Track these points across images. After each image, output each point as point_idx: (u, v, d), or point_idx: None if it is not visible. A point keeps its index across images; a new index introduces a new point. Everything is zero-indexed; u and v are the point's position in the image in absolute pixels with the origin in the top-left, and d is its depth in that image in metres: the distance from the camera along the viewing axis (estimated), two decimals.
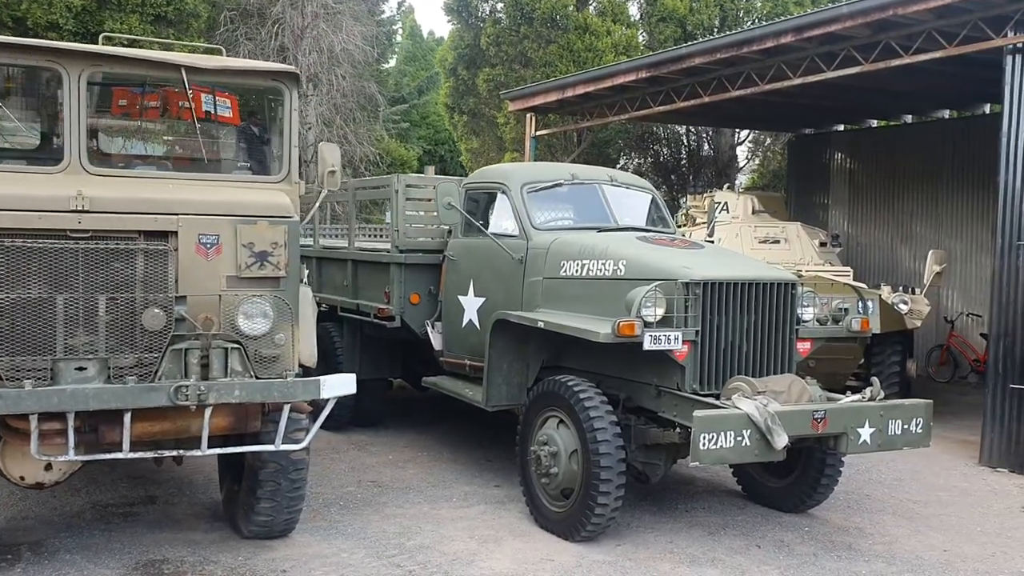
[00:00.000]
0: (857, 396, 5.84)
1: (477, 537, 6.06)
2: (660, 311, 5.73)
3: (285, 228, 5.03)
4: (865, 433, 5.61)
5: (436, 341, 7.82)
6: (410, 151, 19.77)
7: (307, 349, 5.46)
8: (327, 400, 5.13)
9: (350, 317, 8.74)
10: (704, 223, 12.97)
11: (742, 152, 20.36)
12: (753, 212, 12.59)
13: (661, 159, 20.18)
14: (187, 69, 5.17)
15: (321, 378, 4.93)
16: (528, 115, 14.90)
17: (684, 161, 20.31)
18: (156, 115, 5.87)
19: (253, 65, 5.56)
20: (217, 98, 5.62)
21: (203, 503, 6.66)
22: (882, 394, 5.82)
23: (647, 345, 5.58)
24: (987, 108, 14.65)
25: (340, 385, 5.04)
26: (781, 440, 5.23)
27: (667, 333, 5.63)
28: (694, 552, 5.89)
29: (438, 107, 18.88)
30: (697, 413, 5.14)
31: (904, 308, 10.48)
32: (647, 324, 5.67)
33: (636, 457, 6.18)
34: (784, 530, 6.40)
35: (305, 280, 5.62)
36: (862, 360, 10.57)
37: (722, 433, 5.15)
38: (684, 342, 5.73)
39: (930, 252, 11.09)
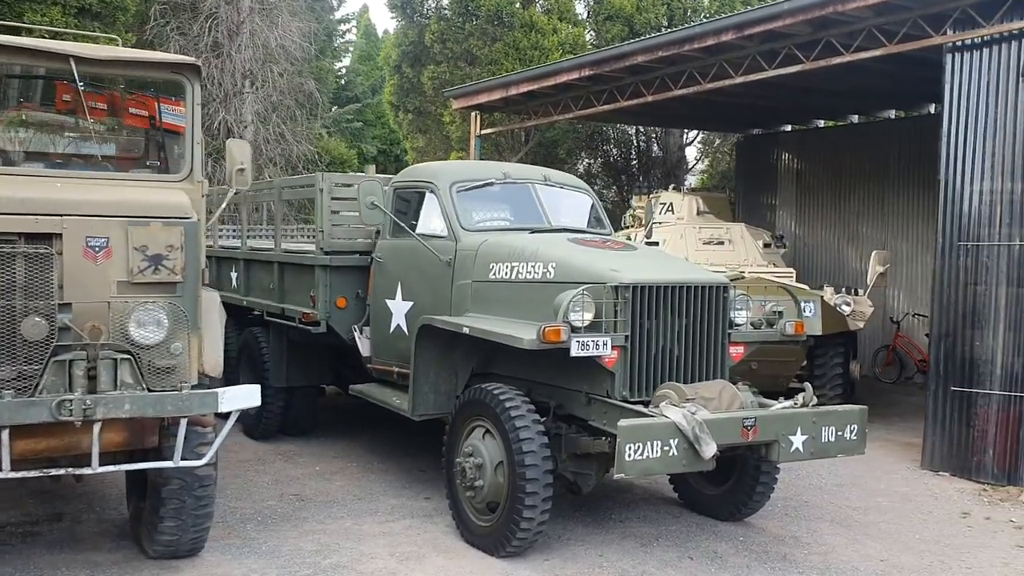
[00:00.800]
0: (789, 402, 5.65)
1: (398, 555, 5.77)
2: (589, 316, 5.50)
3: (182, 230, 4.68)
4: (797, 441, 5.42)
5: (364, 347, 7.51)
6: (351, 150, 19.37)
7: (211, 359, 5.13)
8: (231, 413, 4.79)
9: (278, 322, 8.38)
10: (653, 222, 12.82)
11: (692, 153, 20.27)
12: (698, 213, 12.45)
13: (611, 159, 20.02)
14: (76, 60, 4.81)
15: (220, 390, 4.61)
16: (473, 114, 14.63)
17: (635, 162, 20.18)
18: (51, 109, 5.49)
19: (150, 56, 5.21)
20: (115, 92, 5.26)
21: (112, 520, 6.28)
22: (815, 400, 5.63)
23: (574, 351, 5.34)
24: (932, 108, 14.68)
25: (242, 397, 4.71)
26: (709, 449, 5.01)
27: (595, 339, 5.40)
28: (624, 566, 5.66)
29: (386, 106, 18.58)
30: (622, 422, 4.91)
31: (846, 309, 10.38)
32: (575, 329, 5.43)
33: (567, 467, 5.93)
34: (719, 540, 6.20)
35: (205, 282, 5.26)
36: (804, 362, 10.44)
37: (648, 443, 4.92)
38: (613, 348, 5.50)
39: (873, 253, 11.02)
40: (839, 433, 5.59)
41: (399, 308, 7.04)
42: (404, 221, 7.13)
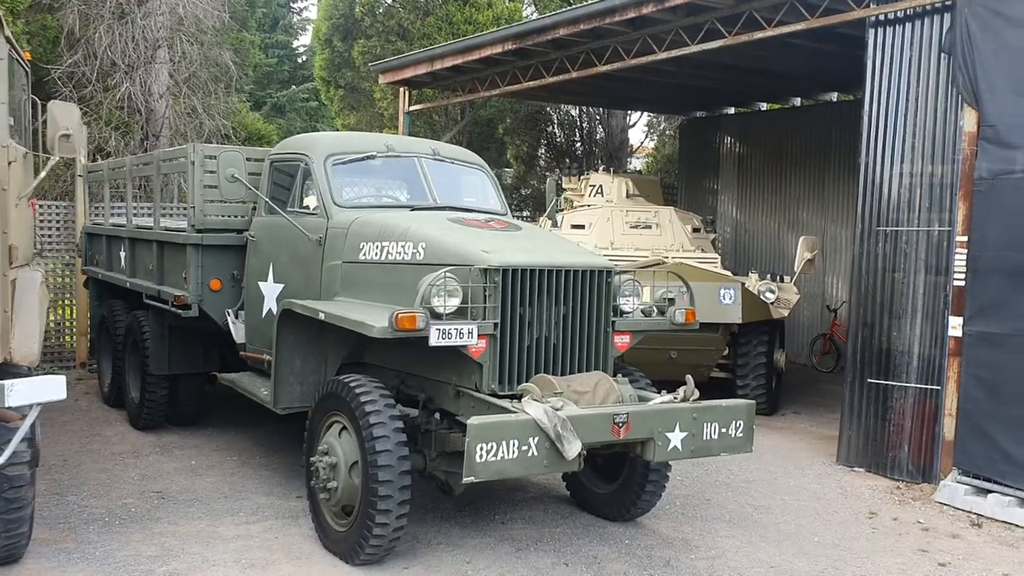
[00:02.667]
0: (669, 396, 5.20)
1: (244, 561, 5.25)
2: (454, 301, 5.01)
3: None
4: (675, 438, 4.98)
5: (237, 333, 6.97)
6: (269, 125, 18.65)
7: (24, 347, 4.57)
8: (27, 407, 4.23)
9: (157, 306, 7.79)
10: (582, 206, 12.36)
11: (637, 136, 19.81)
12: (628, 196, 11.97)
13: (556, 141, 19.49)
14: None
15: (7, 382, 4.04)
16: (401, 89, 14.03)
17: (578, 144, 19.69)
18: None
19: None
20: None
21: None
22: (696, 394, 5.19)
23: (433, 340, 4.84)
24: None
25: (37, 390, 4.14)
26: (572, 448, 4.55)
27: (459, 327, 4.90)
28: (491, 574, 5.19)
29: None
30: (472, 420, 4.43)
31: (771, 297, 10.00)
32: (438, 316, 4.94)
33: (438, 466, 5.45)
34: (602, 543, 5.76)
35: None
36: (726, 351, 10.06)
37: (503, 442, 4.44)
38: (480, 336, 5.01)
39: (801, 239, 10.62)
40: (723, 430, 5.17)
41: (271, 291, 6.51)
42: (282, 196, 6.59)
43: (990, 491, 6.74)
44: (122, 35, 11.53)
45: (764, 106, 16.54)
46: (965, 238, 6.97)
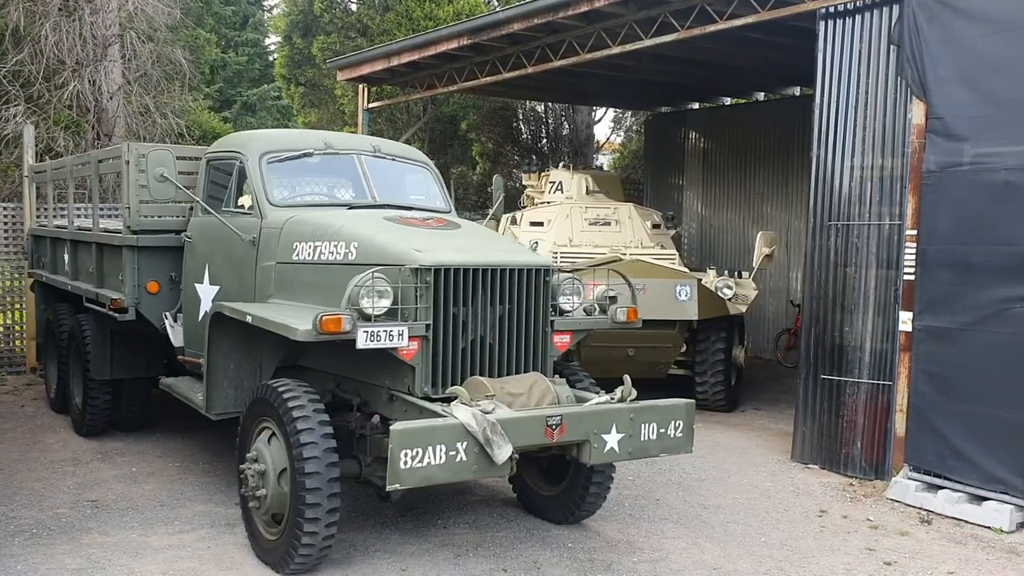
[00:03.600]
0: (606, 397, 5.09)
1: (172, 572, 5.09)
2: (385, 302, 4.87)
3: None
4: (612, 440, 4.87)
5: (175, 336, 6.79)
6: (226, 124, 18.39)
7: None
8: None
9: (96, 309, 7.59)
10: (542, 203, 12.24)
11: (604, 132, 19.74)
12: (587, 192, 11.86)
13: (522, 137, 19.36)
14: None
15: None
16: (360, 86, 13.86)
17: (544, 140, 19.57)
18: None
19: None
20: None
21: None
22: (634, 394, 5.08)
23: (361, 343, 4.70)
24: None
25: None
26: (502, 453, 4.43)
27: (388, 329, 4.76)
28: None
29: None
30: (395, 426, 4.29)
31: (728, 293, 9.94)
32: (368, 317, 4.80)
33: (374, 472, 5.30)
34: (544, 547, 5.64)
35: None
36: (684, 348, 9.97)
37: (429, 448, 4.31)
38: (411, 338, 4.87)
39: (759, 234, 10.57)
40: (661, 430, 5.06)
41: (207, 293, 6.34)
42: (219, 196, 6.43)
43: (941, 487, 6.69)
44: (70, 32, 11.27)
45: (728, 101, 16.49)
46: (914, 232, 6.90)
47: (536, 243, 11.07)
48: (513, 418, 4.57)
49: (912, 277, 6.91)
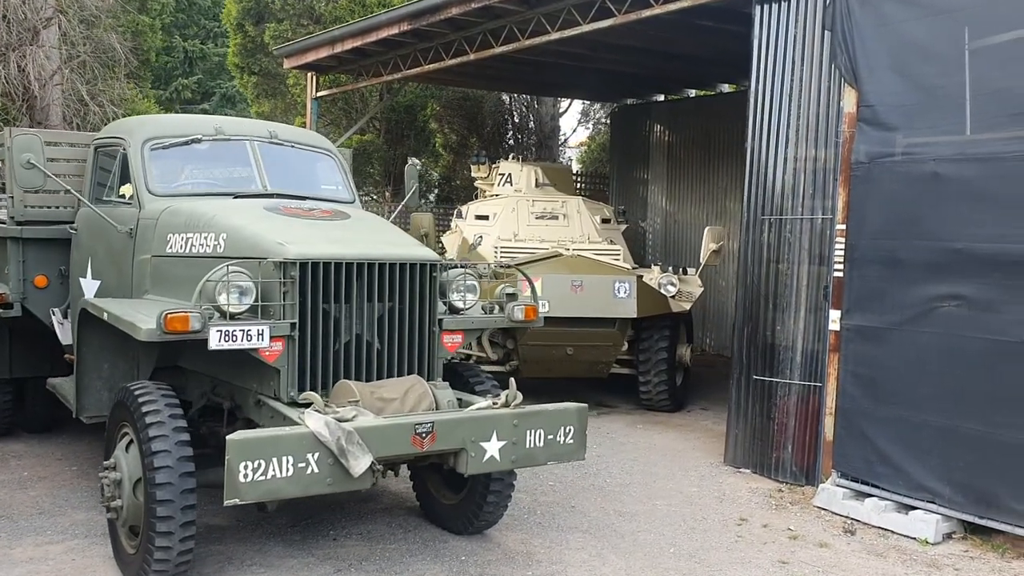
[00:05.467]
0: (487, 402, 4.74)
1: None
2: (247, 299, 4.51)
3: None
4: (492, 447, 4.53)
5: (62, 334, 6.42)
6: (168, 112, 17.98)
7: None
8: None
9: None
10: (491, 195, 11.90)
11: (570, 124, 19.37)
12: (537, 185, 11.51)
13: (487, 128, 18.97)
14: None
15: None
16: (309, 74, 13.48)
17: (511, 132, 19.20)
18: None
19: None
20: None
21: None
22: (519, 398, 4.73)
23: (214, 344, 4.34)
24: None
25: None
26: (359, 464, 4.08)
27: (245, 328, 4.40)
28: None
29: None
30: (232, 436, 3.93)
31: (671, 290, 9.60)
32: (226, 315, 4.44)
33: None
34: (436, 561, 5.29)
35: None
36: (626, 346, 9.64)
37: (274, 460, 3.96)
38: (274, 338, 4.51)
39: (706, 229, 10.23)
40: (550, 437, 4.72)
41: (90, 288, 5.98)
42: (106, 184, 6.05)
43: (869, 495, 6.36)
44: None
45: (692, 93, 16.15)
46: (844, 226, 6.57)
47: (480, 237, 10.78)
48: (374, 426, 4.22)
49: (841, 274, 6.58)
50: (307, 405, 4.46)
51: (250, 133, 6.15)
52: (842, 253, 6.56)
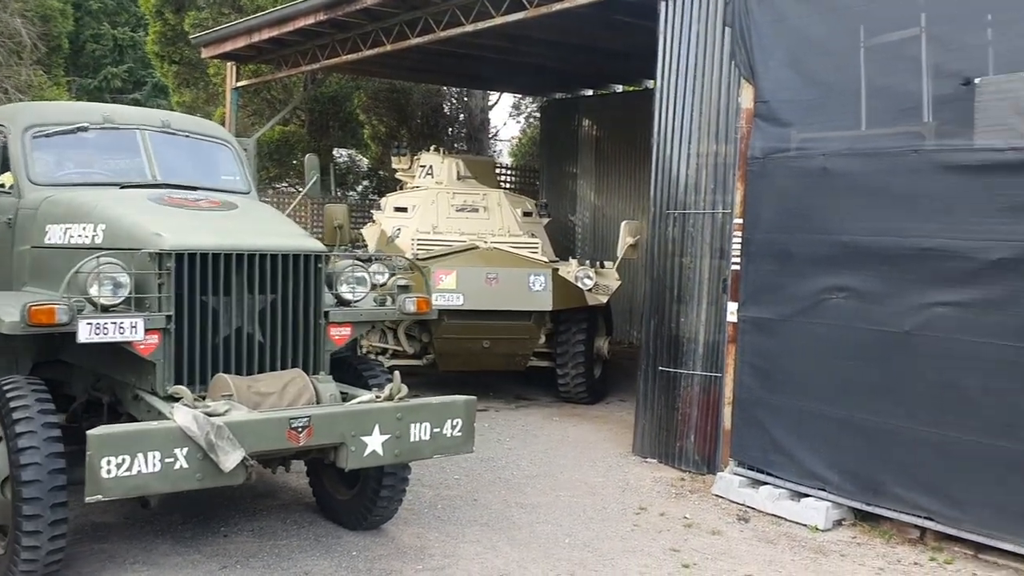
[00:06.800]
0: (370, 395, 4.71)
1: None
2: (122, 291, 4.41)
3: None
4: (374, 442, 4.50)
5: None
6: (76, 99, 17.56)
7: None
8: None
9: None
10: (412, 187, 11.83)
11: (501, 117, 19.33)
12: (458, 177, 11.47)
13: (416, 120, 18.86)
14: None
15: None
16: (229, 64, 13.25)
17: (443, 124, 19.10)
18: None
19: None
20: None
21: None
22: (404, 391, 4.71)
23: (83, 336, 4.25)
24: None
25: None
26: (230, 459, 4.02)
27: (116, 321, 4.30)
28: None
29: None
30: (93, 431, 3.84)
31: (588, 283, 9.65)
32: (98, 307, 4.33)
33: None
34: (325, 556, 5.24)
35: None
36: (543, 339, 9.68)
37: (140, 455, 3.88)
38: (150, 331, 4.42)
39: (623, 223, 10.31)
40: (436, 430, 4.71)
41: None
42: None
43: (764, 483, 6.48)
44: None
45: (619, 88, 16.26)
46: (741, 220, 6.67)
47: (399, 229, 10.72)
48: (247, 421, 4.16)
49: (738, 267, 6.68)
50: (201, 397, 4.39)
51: (141, 122, 6.01)
52: (739, 247, 6.66)
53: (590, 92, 16.63)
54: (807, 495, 6.21)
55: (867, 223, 5.80)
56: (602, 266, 10.15)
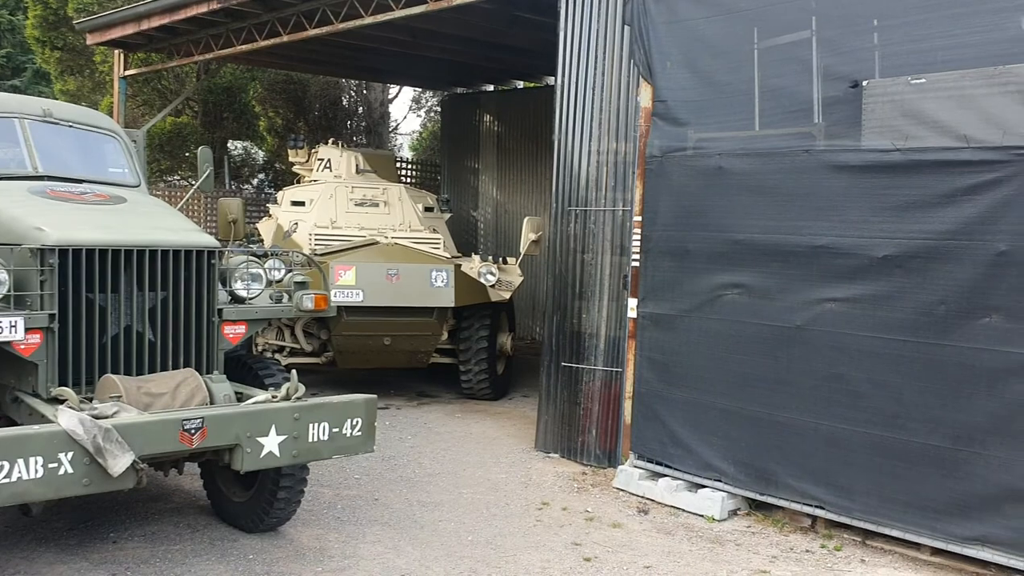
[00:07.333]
0: (266, 395, 4.59)
1: None
2: (0, 288, 4.16)
3: None
4: (271, 443, 4.38)
5: None
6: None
7: None
8: None
9: None
10: (310, 181, 11.59)
11: (401, 110, 19.15)
12: (357, 171, 11.31)
13: (314, 113, 18.49)
14: None
15: None
16: (117, 52, 12.69)
17: (340, 117, 18.78)
18: None
19: None
20: None
21: None
22: (301, 390, 4.60)
23: None
24: None
25: None
26: (119, 464, 3.84)
27: None
28: None
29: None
30: None
31: (491, 279, 9.64)
32: None
33: None
34: (221, 561, 5.08)
35: None
36: (445, 336, 9.63)
37: (20, 460, 3.66)
38: (31, 330, 4.19)
39: (525, 219, 10.34)
40: (335, 430, 4.61)
41: None
42: None
43: (663, 475, 6.61)
44: None
45: (520, 84, 16.32)
46: (640, 218, 6.77)
47: (296, 224, 10.49)
48: (137, 423, 3.99)
49: (638, 263, 6.78)
50: (88, 399, 4.18)
51: (20, 110, 5.69)
52: (639, 244, 6.76)
53: (491, 87, 16.63)
54: (704, 486, 6.36)
55: (761, 221, 5.96)
56: (505, 262, 10.16)
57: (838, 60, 5.68)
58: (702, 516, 6.21)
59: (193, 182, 17.36)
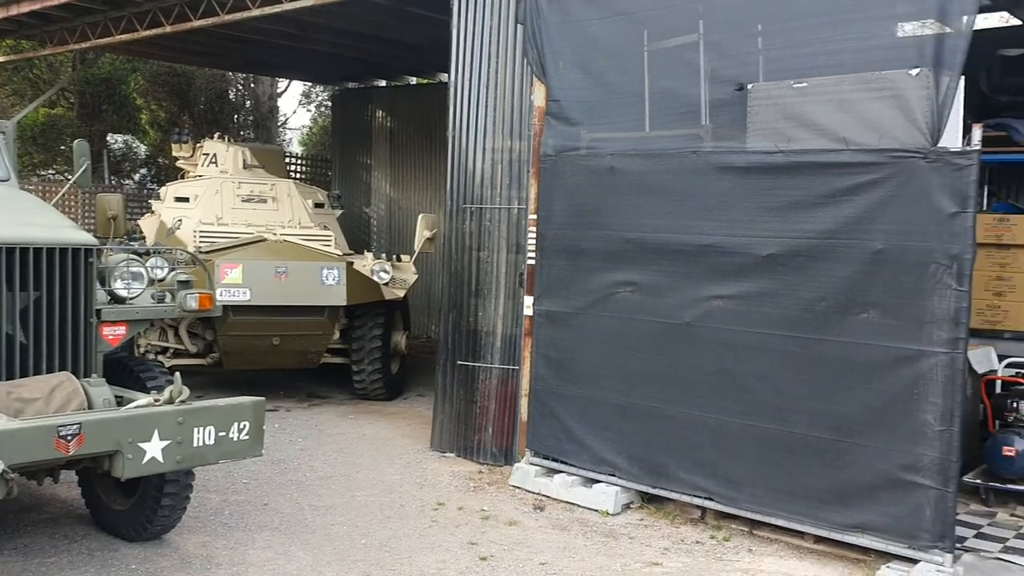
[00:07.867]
0: (148, 399, 4.40)
1: None
2: None
3: None
4: (153, 448, 4.19)
5: None
6: None
7: None
8: None
9: None
10: (195, 176, 11.19)
11: (290, 105, 18.75)
12: (244, 166, 10.98)
13: (199, 106, 17.90)
14: None
15: None
16: None
17: (226, 110, 18.24)
18: None
19: None
20: None
21: None
22: (185, 394, 4.42)
23: None
24: None
25: None
26: None
27: None
28: None
29: None
30: None
31: (384, 277, 9.53)
32: None
33: None
34: (102, 571, 4.86)
35: None
36: (337, 335, 9.47)
37: None
38: None
39: (420, 217, 10.27)
40: (221, 434, 4.45)
41: None
42: None
43: (558, 471, 6.66)
44: None
45: (413, 80, 16.20)
46: (535, 216, 6.80)
47: (180, 220, 10.12)
48: (7, 430, 3.75)
49: (533, 261, 6.81)
50: None
51: None
52: (534, 242, 6.79)
53: (383, 83, 16.45)
54: (598, 481, 6.44)
55: (652, 221, 6.07)
56: (399, 259, 10.06)
57: (724, 63, 5.83)
58: (597, 511, 6.28)
59: (69, 176, 16.58)
